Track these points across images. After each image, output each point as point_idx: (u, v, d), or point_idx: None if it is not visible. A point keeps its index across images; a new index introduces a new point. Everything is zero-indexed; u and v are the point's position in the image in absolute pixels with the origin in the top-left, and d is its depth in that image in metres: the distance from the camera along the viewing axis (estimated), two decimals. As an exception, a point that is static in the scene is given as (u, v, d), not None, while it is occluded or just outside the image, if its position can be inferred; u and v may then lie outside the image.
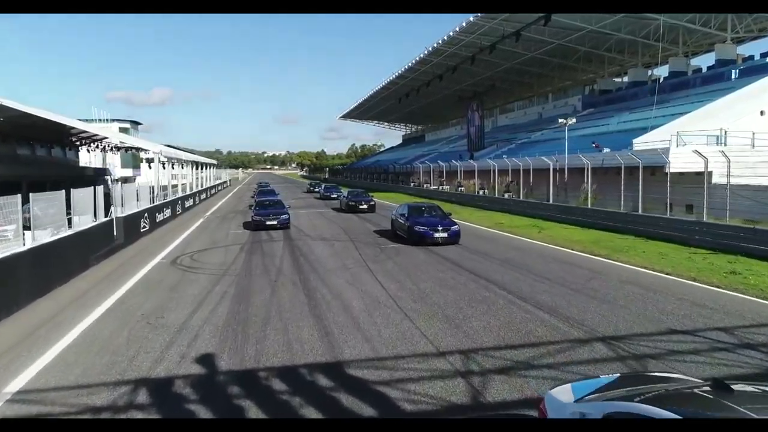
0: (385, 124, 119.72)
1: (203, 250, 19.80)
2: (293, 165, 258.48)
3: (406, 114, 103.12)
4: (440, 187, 46.49)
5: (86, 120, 76.54)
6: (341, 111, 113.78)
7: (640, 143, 33.66)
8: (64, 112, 75.07)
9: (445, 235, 19.43)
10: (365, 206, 32.84)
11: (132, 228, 22.76)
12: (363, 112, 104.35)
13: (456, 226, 19.82)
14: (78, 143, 54.07)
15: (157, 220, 27.84)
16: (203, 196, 48.61)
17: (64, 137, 48.64)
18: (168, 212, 30.79)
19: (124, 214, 21.84)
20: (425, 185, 50.93)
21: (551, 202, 29.73)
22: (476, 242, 20.46)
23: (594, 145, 35.81)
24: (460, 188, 42.03)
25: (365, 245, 20.14)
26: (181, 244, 21.53)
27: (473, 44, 56.16)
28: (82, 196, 18.80)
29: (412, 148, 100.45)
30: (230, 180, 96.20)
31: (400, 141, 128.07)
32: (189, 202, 39.83)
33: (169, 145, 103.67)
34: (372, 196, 34.75)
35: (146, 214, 25.23)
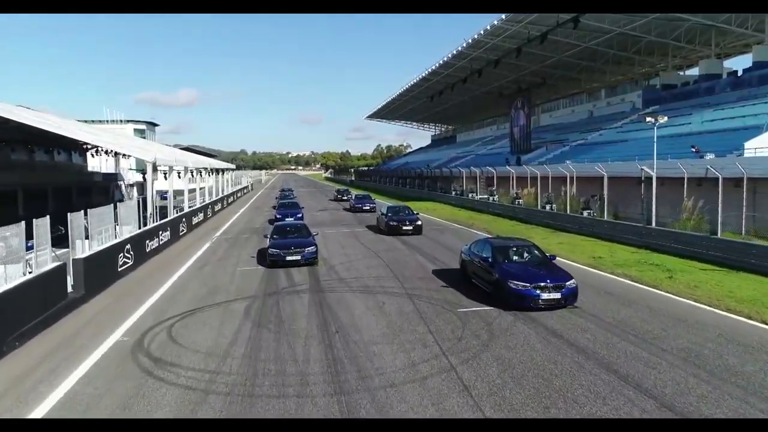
0: (413, 124, 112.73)
1: (192, 313, 13.10)
2: (317, 165, 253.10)
3: (435, 113, 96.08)
4: (490, 198, 39.20)
5: (99, 121, 71.09)
6: (366, 111, 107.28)
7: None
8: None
9: (557, 296, 12.40)
10: (410, 227, 25.90)
11: (102, 269, 16.21)
12: (391, 111, 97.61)
13: (572, 282, 12.73)
14: (85, 147, 48.35)
15: (148, 249, 21.32)
16: (218, 206, 42.20)
17: (62, 141, 42.73)
18: (166, 236, 24.27)
19: (86, 254, 15.30)
20: (470, 194, 43.56)
21: (654, 225, 22.41)
22: (597, 302, 13.39)
23: (694, 150, 28.37)
24: (517, 201, 34.73)
25: (431, 305, 13.24)
26: (166, 297, 14.88)
27: (519, 35, 49.01)
28: (5, 236, 12.32)
29: (443, 150, 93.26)
30: (252, 184, 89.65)
31: (426, 141, 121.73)
32: (198, 217, 33.37)
33: (189, 148, 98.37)
34: (418, 214, 27.77)
35: (129, 246, 18.69)
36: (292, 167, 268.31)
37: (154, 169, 23.95)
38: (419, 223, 26.24)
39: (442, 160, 77.41)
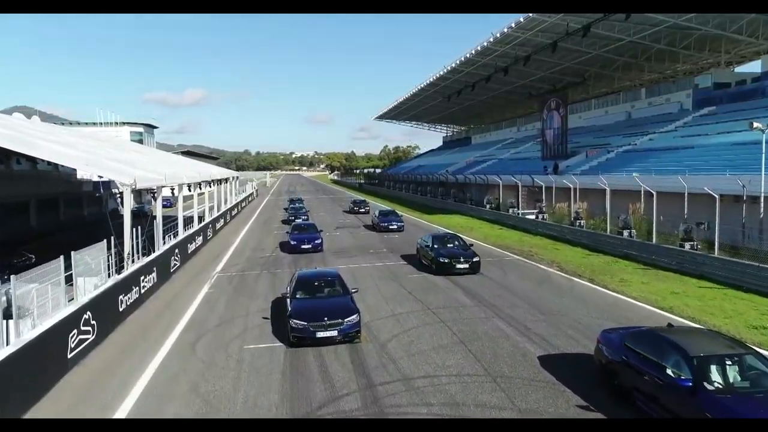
0: (424, 125, 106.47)
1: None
2: (321, 166, 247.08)
3: (450, 114, 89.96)
4: (539, 216, 32.91)
5: (93, 124, 64.99)
6: (372, 110, 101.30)
7: None
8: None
9: None
10: (465, 265, 19.75)
11: (35, 368, 10.16)
12: (402, 111, 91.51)
13: None
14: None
15: (123, 307, 15.28)
16: (219, 223, 36.11)
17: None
18: (151, 279, 18.22)
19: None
20: (510, 209, 37.10)
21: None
22: None
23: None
24: (578, 222, 28.51)
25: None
26: None
27: (555, 28, 43.06)
28: None
29: (457, 152, 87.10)
30: (257, 189, 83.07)
31: (433, 141, 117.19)
32: (196, 242, 27.32)
33: (190, 152, 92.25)
34: (472, 246, 21.61)
35: (88, 314, 12.65)
36: (296, 168, 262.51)
37: (134, 191, 17.87)
38: (476, 259, 20.08)
39: (460, 164, 71.29)
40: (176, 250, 22.55)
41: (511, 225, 34.34)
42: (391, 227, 32.54)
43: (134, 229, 17.71)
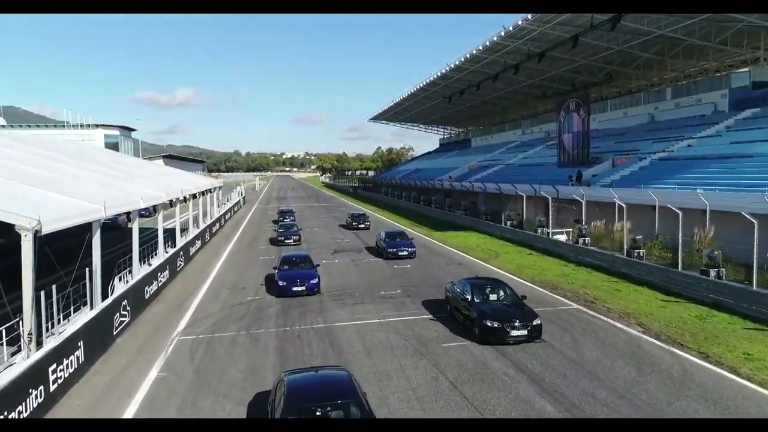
0: (420, 126, 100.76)
1: None
2: (312, 167, 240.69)
3: (447, 116, 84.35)
4: (579, 240, 26.93)
5: (63, 125, 58.37)
6: (365, 111, 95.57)
7: None
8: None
9: None
10: (522, 332, 13.84)
11: None
12: (398, 113, 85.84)
13: None
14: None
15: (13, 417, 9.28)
16: (194, 247, 29.91)
17: None
18: (69, 364, 12.19)
19: None
20: (539, 228, 31.00)
21: None
22: None
23: None
24: (637, 252, 22.68)
25: None
26: None
27: (575, 21, 37.81)
28: None
29: (456, 156, 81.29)
30: (244, 196, 75.79)
31: (425, 141, 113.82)
32: (160, 280, 21.24)
33: (173, 155, 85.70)
34: (525, 299, 15.61)
35: None
36: (287, 169, 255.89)
37: (36, 237, 11.74)
38: (537, 322, 14.12)
39: (462, 169, 65.52)
40: (125, 302, 16.49)
41: (542, 249, 28.38)
42: (401, 254, 26.51)
43: (41, 292, 11.74)
